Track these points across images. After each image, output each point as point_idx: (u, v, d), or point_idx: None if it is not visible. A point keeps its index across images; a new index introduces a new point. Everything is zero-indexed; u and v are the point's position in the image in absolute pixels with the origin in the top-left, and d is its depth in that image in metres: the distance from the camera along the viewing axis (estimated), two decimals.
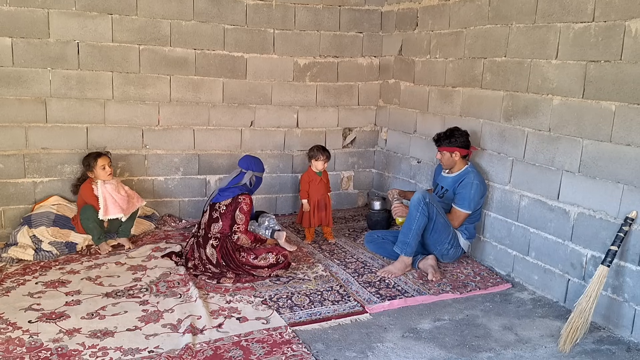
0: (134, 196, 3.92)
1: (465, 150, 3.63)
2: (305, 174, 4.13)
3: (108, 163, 3.82)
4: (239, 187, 3.53)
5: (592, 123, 2.96)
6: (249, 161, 3.69)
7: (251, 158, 3.74)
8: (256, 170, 3.66)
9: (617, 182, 2.84)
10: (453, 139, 3.62)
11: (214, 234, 3.45)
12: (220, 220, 3.45)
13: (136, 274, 3.32)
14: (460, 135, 3.63)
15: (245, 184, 3.56)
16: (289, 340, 2.60)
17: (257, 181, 3.65)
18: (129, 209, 3.80)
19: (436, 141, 3.71)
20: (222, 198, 3.50)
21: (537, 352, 2.64)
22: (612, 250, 2.73)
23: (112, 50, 4.06)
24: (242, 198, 3.47)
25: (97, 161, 3.77)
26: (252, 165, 3.67)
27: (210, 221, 3.48)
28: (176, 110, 4.32)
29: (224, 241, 3.43)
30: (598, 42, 2.91)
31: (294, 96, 4.67)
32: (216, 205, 3.50)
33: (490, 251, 3.74)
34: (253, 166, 3.66)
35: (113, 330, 2.62)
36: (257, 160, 3.73)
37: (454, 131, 3.65)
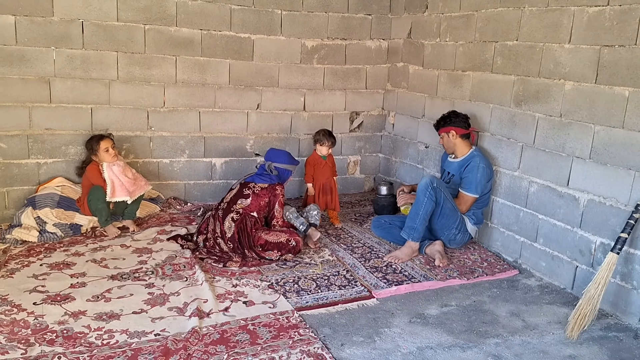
0: (140, 179, 3.90)
1: (462, 130, 3.61)
2: (311, 157, 4.09)
3: (111, 145, 3.78)
4: (276, 177, 3.61)
5: (604, 109, 2.90)
6: (273, 154, 3.75)
7: (275, 151, 3.79)
8: (275, 161, 3.67)
9: (628, 169, 2.80)
10: (449, 120, 3.65)
11: (237, 208, 3.46)
12: (251, 198, 3.48)
13: (142, 256, 3.31)
14: (454, 116, 3.66)
15: (275, 175, 3.62)
16: (296, 324, 2.59)
17: (280, 172, 3.66)
18: (135, 192, 3.78)
19: (435, 126, 3.77)
20: (259, 180, 3.55)
21: (544, 339, 2.63)
22: (622, 238, 2.70)
23: (117, 29, 4.00)
24: (279, 189, 3.55)
25: (99, 144, 3.74)
26: (271, 156, 3.72)
27: (237, 196, 3.51)
28: (182, 92, 4.27)
29: (245, 218, 3.44)
30: (612, 26, 2.84)
31: (301, 79, 4.61)
32: (250, 184, 3.54)
33: (497, 237, 3.72)
34: (272, 157, 3.71)
35: (119, 313, 2.61)
36: (279, 153, 3.75)
37: (451, 113, 3.69)
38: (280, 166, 3.66)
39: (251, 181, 3.55)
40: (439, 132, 3.74)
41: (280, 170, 3.66)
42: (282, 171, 3.67)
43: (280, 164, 3.67)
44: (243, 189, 3.52)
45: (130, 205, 3.78)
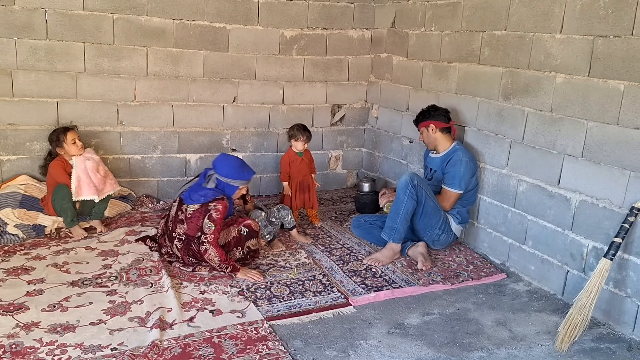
0: (111, 177, 3.67)
1: (442, 123, 3.45)
2: (286, 154, 3.88)
3: (78, 137, 3.57)
4: (213, 191, 3.02)
5: (598, 104, 2.72)
6: (218, 161, 3.14)
7: (223, 158, 3.17)
8: (218, 171, 3.07)
9: (623, 169, 2.62)
10: (427, 114, 3.50)
11: (178, 234, 3.05)
12: (186, 224, 3.01)
13: (107, 260, 3.10)
14: (433, 110, 3.52)
15: (211, 190, 3.03)
16: (265, 336, 2.40)
17: (222, 186, 3.07)
18: (103, 191, 3.56)
19: (415, 122, 3.61)
20: (190, 201, 3.02)
21: (532, 351, 2.46)
22: (616, 243, 2.53)
23: (83, 19, 3.76)
24: (213, 205, 2.96)
25: (67, 135, 3.51)
26: (216, 164, 3.12)
27: (175, 222, 3.07)
28: (154, 85, 4.05)
29: (189, 243, 3.02)
30: (607, 15, 2.65)
31: (279, 70, 4.40)
32: (183, 206, 3.05)
33: (484, 238, 3.55)
34: (216, 165, 3.11)
35: (75, 325, 2.41)
36: (227, 162, 3.12)
37: (430, 107, 3.55)
38: (222, 179, 3.05)
39: (185, 201, 3.04)
40: (418, 128, 3.58)
41: (220, 183, 3.07)
42: (224, 185, 3.06)
43: (223, 177, 3.05)
44: (178, 212, 3.05)
45: (98, 205, 3.55)
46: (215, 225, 2.96)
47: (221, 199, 3.01)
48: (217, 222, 2.96)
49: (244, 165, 3.19)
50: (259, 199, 4.41)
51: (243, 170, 3.13)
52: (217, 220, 2.96)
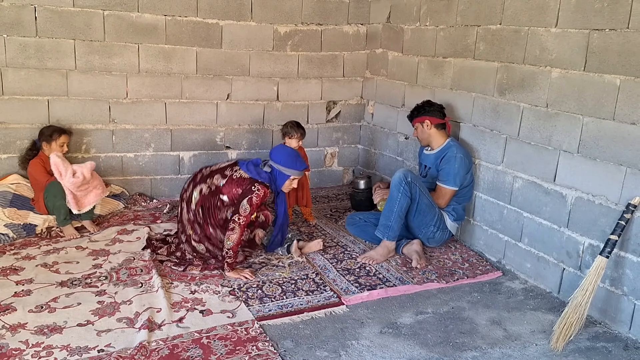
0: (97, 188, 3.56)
1: (437, 119, 3.40)
2: None
3: (67, 143, 3.62)
4: (267, 175, 3.07)
5: (594, 99, 2.68)
6: (275, 150, 3.20)
7: (281, 148, 3.23)
8: (273, 158, 3.11)
9: (619, 165, 2.58)
10: (422, 110, 3.44)
11: (211, 183, 3.06)
12: (226, 180, 3.03)
13: (97, 259, 3.06)
14: (429, 105, 3.45)
15: (266, 173, 3.08)
16: (255, 337, 2.36)
17: (274, 174, 3.09)
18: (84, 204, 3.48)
19: (409, 117, 3.55)
20: (245, 169, 3.06)
21: (526, 351, 2.42)
22: (612, 240, 2.49)
23: (73, 15, 3.71)
24: (258, 188, 2.99)
25: (60, 136, 3.52)
26: (272, 152, 3.18)
27: (216, 172, 3.08)
28: (146, 82, 4.00)
29: (215, 196, 3.04)
30: (603, 7, 2.60)
31: (273, 67, 4.35)
32: (235, 167, 3.08)
33: (480, 235, 3.50)
34: (272, 153, 3.16)
35: (62, 326, 2.37)
36: (283, 152, 3.16)
37: (425, 103, 3.48)
38: (276, 166, 3.08)
39: (240, 165, 3.09)
40: (412, 124, 3.53)
41: (274, 170, 3.09)
42: (277, 173, 3.08)
43: (277, 164, 3.07)
44: (226, 169, 3.09)
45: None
46: (251, 209, 2.97)
47: (266, 187, 3.05)
48: (254, 207, 2.98)
49: (299, 157, 3.19)
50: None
51: (297, 161, 3.14)
52: (254, 205, 2.98)
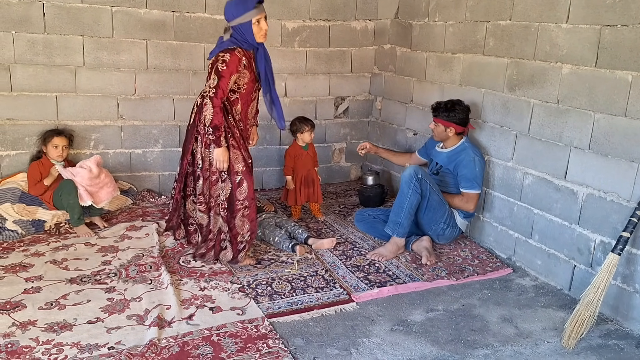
0: (108, 186, 3.60)
1: (461, 128, 3.35)
2: (291, 148, 3.83)
3: (64, 145, 3.58)
4: (228, 42, 2.77)
5: (605, 95, 2.65)
6: (225, 13, 2.81)
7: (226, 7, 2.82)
8: (228, 19, 2.77)
9: (631, 161, 2.55)
10: (452, 114, 3.32)
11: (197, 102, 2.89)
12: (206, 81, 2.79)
13: (106, 256, 3.07)
14: (460, 111, 3.33)
15: (228, 40, 2.76)
16: (265, 334, 2.36)
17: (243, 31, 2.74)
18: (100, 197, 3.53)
19: (434, 109, 3.42)
20: (210, 56, 2.83)
21: (538, 348, 2.41)
22: (624, 237, 2.47)
23: (81, 12, 3.71)
24: (221, 56, 2.70)
25: (53, 138, 3.54)
26: (225, 16, 2.80)
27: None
28: (154, 78, 4.00)
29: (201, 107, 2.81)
30: (615, 3, 2.57)
31: (281, 63, 4.33)
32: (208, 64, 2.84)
33: (490, 232, 3.49)
34: (226, 16, 2.80)
35: (72, 323, 2.37)
36: (231, 4, 2.78)
37: (456, 105, 3.34)
38: (233, 24, 2.75)
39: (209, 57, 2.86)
40: (436, 121, 3.40)
41: (235, 30, 2.76)
42: (238, 29, 2.75)
43: (231, 21, 2.75)
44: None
45: None
46: (220, 78, 2.69)
47: (231, 49, 2.73)
48: (224, 75, 2.69)
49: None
50: (261, 193, 4.36)
51: (244, 1, 2.74)
52: (223, 72, 2.69)
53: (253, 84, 2.93)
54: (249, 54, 2.84)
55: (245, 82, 2.85)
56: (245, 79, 2.84)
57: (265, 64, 2.90)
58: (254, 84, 2.94)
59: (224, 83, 2.70)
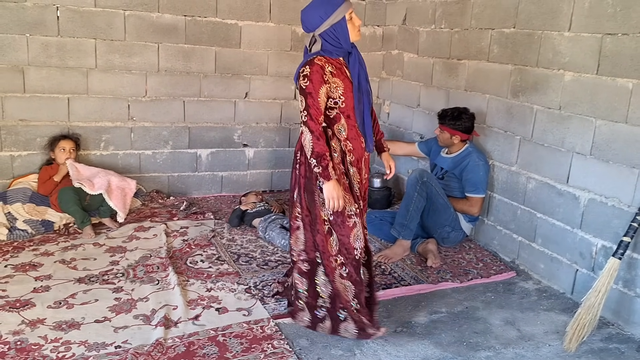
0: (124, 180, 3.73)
1: (466, 136, 3.41)
2: None
3: (71, 147, 3.68)
4: (307, 56, 2.28)
5: (606, 102, 2.68)
6: (304, 15, 2.28)
7: (305, 12, 2.28)
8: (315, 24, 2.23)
9: (632, 167, 2.58)
10: (459, 122, 3.38)
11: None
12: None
13: (114, 256, 3.13)
14: (467, 120, 3.40)
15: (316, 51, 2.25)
16: (271, 335, 2.41)
17: (336, 31, 2.22)
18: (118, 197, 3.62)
19: (440, 117, 3.49)
20: (295, 81, 2.30)
21: (540, 351, 2.44)
22: (625, 242, 2.50)
23: (94, 15, 3.79)
24: (301, 71, 2.22)
25: (59, 142, 3.65)
26: (305, 20, 2.27)
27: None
28: (165, 81, 4.07)
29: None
30: (616, 12, 2.61)
31: (292, 66, 4.38)
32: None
33: (494, 235, 3.52)
34: (306, 20, 2.26)
35: (80, 322, 2.43)
36: (313, 5, 2.25)
37: (462, 114, 3.40)
38: (322, 28, 2.22)
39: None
40: (442, 127, 3.46)
41: (325, 34, 2.24)
42: (330, 32, 2.23)
43: (320, 25, 2.22)
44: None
45: (106, 205, 3.56)
46: (307, 97, 2.18)
47: (309, 60, 2.22)
48: (310, 91, 2.17)
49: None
50: (270, 194, 4.42)
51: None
52: (308, 88, 2.17)
53: (352, 94, 2.32)
54: (338, 61, 2.29)
55: (341, 93, 2.26)
56: (339, 90, 2.26)
57: (359, 69, 2.34)
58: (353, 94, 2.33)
59: (313, 100, 2.18)
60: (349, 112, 2.31)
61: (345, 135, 2.32)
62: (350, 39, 2.27)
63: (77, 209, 3.44)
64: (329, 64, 2.25)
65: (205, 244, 3.36)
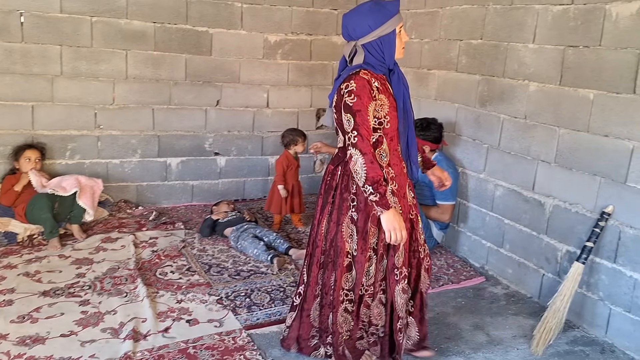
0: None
1: (435, 145, 3.46)
2: (283, 157, 3.85)
3: (37, 157, 3.59)
4: (352, 68, 2.02)
5: (569, 111, 2.77)
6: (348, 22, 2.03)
7: (352, 16, 2.03)
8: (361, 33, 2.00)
9: (593, 175, 2.67)
10: (427, 133, 3.43)
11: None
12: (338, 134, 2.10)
13: (80, 268, 3.05)
14: (435, 130, 3.45)
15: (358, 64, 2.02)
16: (243, 346, 2.39)
17: (383, 45, 2.01)
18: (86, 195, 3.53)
19: None
20: (330, 98, 2.09)
21: (508, 355, 2.49)
22: (588, 247, 2.58)
23: (60, 21, 3.71)
24: (345, 87, 1.97)
25: (24, 152, 3.55)
26: (350, 28, 2.02)
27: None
28: (133, 88, 4.01)
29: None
30: (577, 26, 2.71)
31: (264, 74, 4.39)
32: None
33: (464, 241, 3.58)
34: (353, 29, 2.02)
35: (45, 337, 2.36)
36: (356, 12, 2.02)
37: (431, 124, 3.46)
38: (369, 38, 2.00)
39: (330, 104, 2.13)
40: None
41: (371, 46, 2.02)
42: (377, 44, 2.01)
43: (368, 35, 2.00)
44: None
45: (77, 207, 3.50)
46: (356, 115, 1.93)
47: (353, 74, 1.99)
48: (359, 108, 1.93)
49: (377, 1, 2.05)
50: (242, 203, 4.39)
51: (383, 5, 2.03)
52: (356, 105, 1.93)
53: (397, 114, 2.11)
54: (381, 77, 2.08)
55: (386, 112, 2.04)
56: (385, 108, 2.04)
57: (404, 90, 2.12)
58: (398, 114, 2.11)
59: (363, 119, 1.94)
60: (393, 134, 2.08)
61: (387, 161, 2.08)
62: (395, 55, 2.07)
63: (50, 217, 3.35)
64: (375, 79, 2.02)
65: (175, 254, 3.31)
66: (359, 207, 2.08)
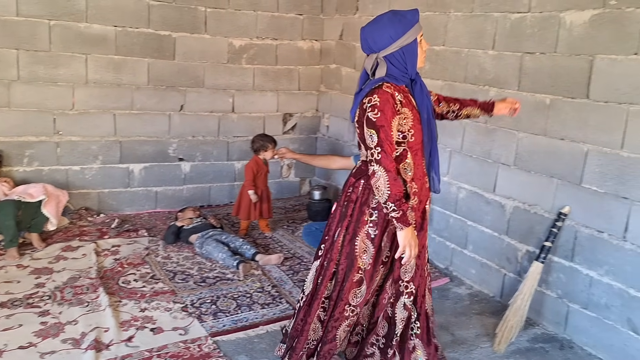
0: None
1: None
2: (253, 163, 3.82)
3: None
4: (373, 82, 1.98)
5: (527, 116, 2.87)
6: (368, 36, 2.00)
7: (371, 29, 2.00)
8: (383, 45, 1.97)
9: (551, 177, 2.77)
10: None
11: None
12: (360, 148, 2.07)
13: (40, 278, 2.96)
14: None
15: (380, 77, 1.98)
16: (209, 353, 2.36)
17: (405, 55, 1.98)
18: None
19: None
20: (352, 113, 2.05)
21: (472, 354, 2.54)
22: (546, 246, 2.68)
23: (17, 25, 3.60)
24: (367, 101, 1.93)
25: None
26: (371, 40, 1.99)
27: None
28: (94, 93, 3.92)
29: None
30: (534, 33, 2.81)
31: (229, 79, 4.36)
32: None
33: (429, 243, 3.56)
34: (373, 41, 1.98)
35: (2, 349, 2.27)
36: (376, 23, 2.00)
37: None
38: (390, 50, 1.96)
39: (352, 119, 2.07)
40: None
41: (392, 57, 1.98)
42: (399, 55, 1.97)
43: (389, 46, 1.96)
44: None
45: (40, 216, 3.38)
46: (379, 130, 1.89)
47: (376, 87, 1.95)
48: (382, 123, 1.89)
49: (396, 12, 2.03)
50: (208, 209, 4.34)
51: (404, 15, 1.99)
52: (380, 120, 1.89)
53: (421, 126, 2.07)
54: (403, 88, 2.04)
55: (410, 125, 2.00)
56: (409, 122, 2.00)
57: (427, 100, 2.08)
58: (422, 126, 2.08)
59: (387, 135, 1.90)
60: (417, 147, 2.05)
61: (411, 176, 2.05)
62: (417, 65, 2.03)
63: (13, 224, 3.22)
64: (398, 92, 1.98)
65: (138, 262, 3.25)
66: (377, 222, 2.06)
